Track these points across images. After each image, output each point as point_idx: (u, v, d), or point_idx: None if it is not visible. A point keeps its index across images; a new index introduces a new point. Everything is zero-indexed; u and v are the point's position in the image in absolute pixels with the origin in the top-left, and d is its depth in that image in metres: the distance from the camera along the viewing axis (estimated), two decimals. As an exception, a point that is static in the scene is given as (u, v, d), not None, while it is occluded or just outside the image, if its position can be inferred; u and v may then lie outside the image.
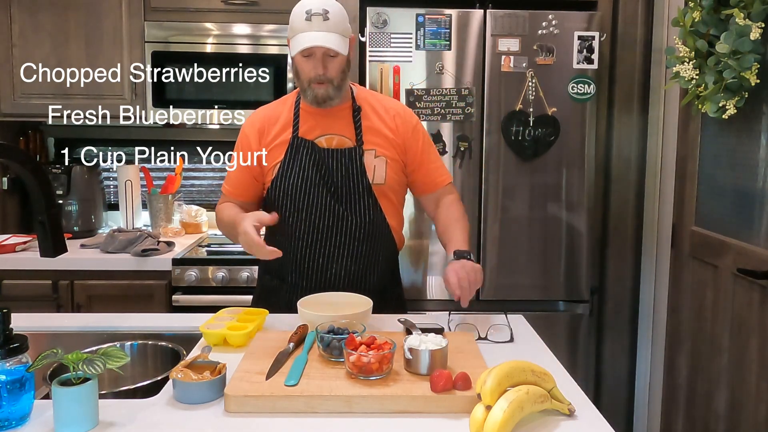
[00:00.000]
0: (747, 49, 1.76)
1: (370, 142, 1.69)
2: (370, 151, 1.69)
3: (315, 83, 1.62)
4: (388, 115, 1.73)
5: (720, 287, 2.06)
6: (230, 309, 1.58)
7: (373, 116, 1.72)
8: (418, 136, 1.75)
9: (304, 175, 1.68)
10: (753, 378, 1.88)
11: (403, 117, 1.75)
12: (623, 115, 2.62)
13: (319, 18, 1.56)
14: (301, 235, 1.69)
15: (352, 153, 1.67)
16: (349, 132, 1.69)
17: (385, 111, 1.74)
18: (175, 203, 2.96)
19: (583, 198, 2.52)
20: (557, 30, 2.43)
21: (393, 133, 1.71)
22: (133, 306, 2.42)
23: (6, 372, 1.04)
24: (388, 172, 1.70)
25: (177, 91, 2.66)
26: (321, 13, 1.57)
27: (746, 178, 1.97)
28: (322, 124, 1.69)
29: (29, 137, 2.98)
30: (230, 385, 1.16)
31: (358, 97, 1.74)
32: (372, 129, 1.71)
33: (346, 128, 1.70)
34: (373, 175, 1.68)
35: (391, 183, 1.71)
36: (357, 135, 1.69)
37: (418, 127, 1.76)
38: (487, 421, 1.03)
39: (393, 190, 1.73)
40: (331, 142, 1.69)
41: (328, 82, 1.62)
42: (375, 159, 1.69)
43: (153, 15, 2.66)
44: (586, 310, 2.58)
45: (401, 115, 1.75)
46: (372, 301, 1.54)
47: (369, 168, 1.68)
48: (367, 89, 1.84)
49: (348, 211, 1.68)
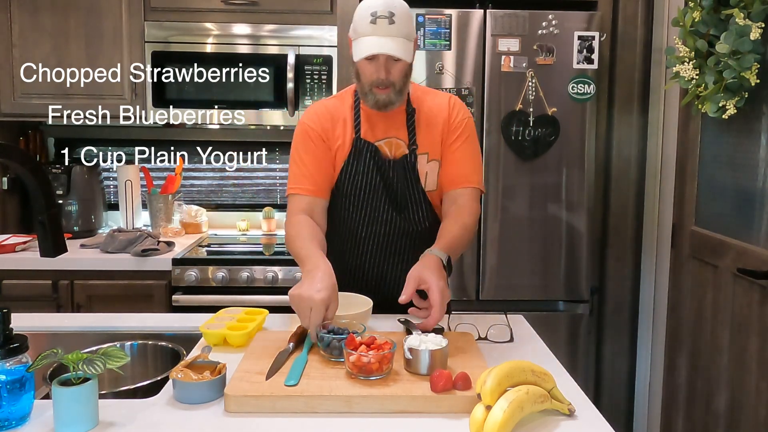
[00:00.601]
0: (747, 49, 1.76)
1: (424, 146, 1.65)
2: (423, 155, 1.64)
3: (377, 87, 1.55)
4: (442, 108, 1.66)
5: (720, 287, 2.06)
6: (230, 309, 1.58)
7: (428, 114, 1.66)
8: (459, 129, 1.65)
9: (366, 179, 1.64)
10: (753, 378, 1.88)
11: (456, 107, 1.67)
12: (623, 115, 2.62)
13: (384, 21, 1.49)
14: (364, 240, 1.68)
15: (405, 160, 1.64)
16: (404, 135, 1.65)
17: (439, 106, 1.67)
18: (175, 203, 2.96)
19: (583, 198, 2.52)
20: (557, 30, 2.43)
21: (445, 124, 1.66)
22: (133, 306, 2.42)
23: (6, 372, 1.04)
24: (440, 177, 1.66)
25: (177, 91, 2.66)
26: (387, 15, 1.49)
27: (746, 178, 1.97)
28: (381, 125, 1.65)
29: (29, 137, 2.98)
30: (230, 385, 1.16)
31: (413, 96, 1.68)
32: (426, 130, 1.65)
33: (401, 131, 1.65)
34: (425, 182, 1.65)
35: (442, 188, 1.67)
36: (410, 139, 1.64)
37: (462, 122, 1.66)
38: (487, 421, 1.03)
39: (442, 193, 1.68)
40: (391, 145, 1.65)
41: (391, 87, 1.55)
42: (427, 164, 1.65)
43: (153, 15, 2.66)
44: (586, 310, 2.58)
45: (457, 105, 1.68)
46: (372, 302, 1.54)
47: (422, 174, 1.64)
48: (420, 86, 1.77)
49: (405, 219, 1.66)
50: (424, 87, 1.78)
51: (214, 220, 3.09)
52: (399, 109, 1.64)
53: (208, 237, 2.90)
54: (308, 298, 1.32)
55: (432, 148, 1.65)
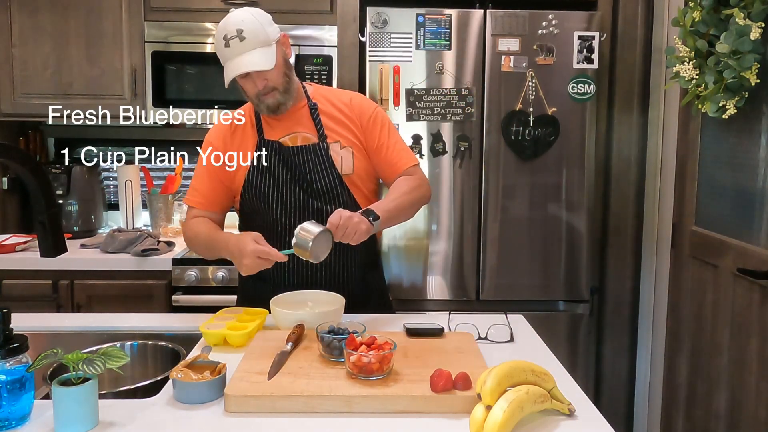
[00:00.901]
0: (747, 49, 1.76)
1: (333, 135, 1.71)
2: (334, 143, 1.70)
3: (262, 95, 1.62)
4: (345, 105, 1.74)
5: (720, 287, 2.06)
6: (230, 309, 1.58)
7: (332, 109, 1.73)
8: (377, 121, 1.74)
9: (275, 175, 1.69)
10: (753, 378, 1.88)
11: (361, 105, 1.75)
12: (623, 115, 2.62)
13: (235, 41, 1.54)
14: (279, 234, 1.70)
15: (317, 148, 1.69)
16: (310, 129, 1.71)
17: (342, 102, 1.74)
18: (175, 203, 2.96)
19: (583, 198, 2.52)
20: (557, 30, 2.43)
21: (352, 122, 1.72)
22: (133, 306, 2.42)
23: (6, 372, 1.04)
24: (355, 162, 1.71)
25: (177, 91, 2.66)
26: (236, 34, 1.54)
27: (746, 178, 1.97)
28: (283, 125, 1.71)
29: (29, 137, 2.98)
30: (230, 385, 1.16)
31: (314, 94, 1.75)
32: (332, 121, 1.72)
33: (307, 125, 1.71)
34: (341, 166, 1.69)
35: (359, 172, 1.72)
36: (318, 130, 1.70)
37: (377, 113, 1.75)
38: (487, 421, 1.03)
39: (361, 179, 1.73)
40: (296, 140, 1.70)
41: (273, 90, 1.62)
42: (341, 150, 1.70)
43: (153, 15, 2.66)
44: (586, 310, 2.58)
45: (359, 104, 1.75)
46: (344, 299, 1.56)
47: (336, 160, 1.69)
48: (323, 86, 1.84)
49: (323, 204, 1.69)
50: (328, 87, 1.85)
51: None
52: (299, 105, 1.71)
53: (208, 237, 2.90)
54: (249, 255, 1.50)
55: (342, 137, 1.71)
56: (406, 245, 2.50)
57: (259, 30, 1.57)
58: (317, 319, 1.46)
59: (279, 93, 1.63)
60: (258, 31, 1.57)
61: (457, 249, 2.50)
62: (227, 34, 1.55)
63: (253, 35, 1.55)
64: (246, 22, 1.56)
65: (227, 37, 1.55)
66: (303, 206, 1.70)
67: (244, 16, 1.58)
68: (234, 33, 1.54)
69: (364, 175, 1.74)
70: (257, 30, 1.57)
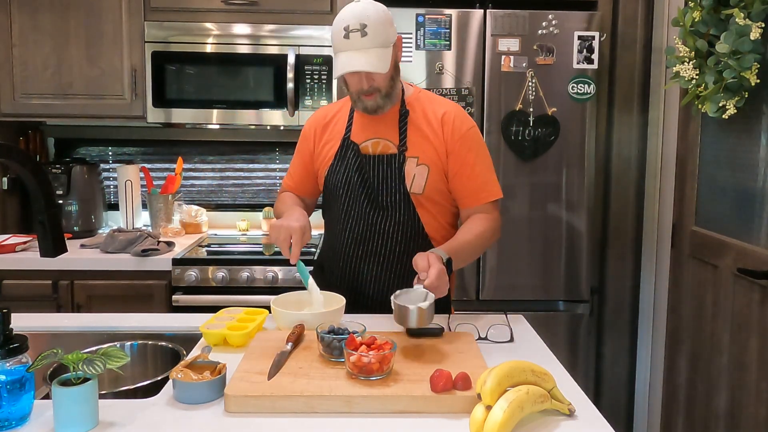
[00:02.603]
0: (747, 49, 1.76)
1: (414, 149, 1.63)
2: (412, 158, 1.63)
3: (363, 95, 1.58)
4: (436, 119, 1.65)
5: (720, 287, 2.06)
6: (230, 309, 1.58)
7: (422, 121, 1.65)
8: (466, 142, 1.64)
9: (346, 177, 1.67)
10: (753, 378, 1.88)
11: (454, 122, 1.64)
12: (623, 115, 2.62)
13: (356, 35, 1.48)
14: (341, 235, 1.71)
15: (392, 160, 1.63)
16: (394, 136, 1.65)
17: (435, 115, 1.65)
18: (175, 203, 2.96)
19: (583, 198, 2.52)
20: (557, 30, 2.43)
21: (438, 138, 1.64)
22: (133, 306, 2.42)
23: (6, 372, 1.04)
24: (429, 182, 1.63)
25: (177, 91, 2.66)
26: (359, 28, 1.48)
27: (746, 178, 1.97)
28: (371, 127, 1.66)
29: (29, 137, 2.99)
30: (230, 385, 1.16)
31: (411, 99, 1.68)
32: (418, 134, 1.64)
33: (392, 132, 1.65)
34: (411, 184, 1.63)
35: (430, 192, 1.64)
36: (401, 140, 1.64)
37: (470, 134, 1.65)
38: (487, 421, 1.03)
39: (432, 200, 1.66)
40: (377, 146, 1.66)
41: (376, 92, 1.57)
42: (417, 167, 1.63)
43: (153, 15, 2.66)
44: (586, 310, 2.58)
45: (450, 120, 1.64)
46: (345, 299, 1.55)
47: (408, 176, 1.63)
48: (426, 91, 1.75)
49: (384, 218, 1.66)
50: (430, 93, 1.75)
51: (214, 220, 3.09)
52: (393, 109, 1.65)
53: (208, 237, 2.90)
54: (287, 226, 1.50)
55: (423, 153, 1.64)
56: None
57: (383, 28, 1.51)
58: (317, 319, 1.47)
59: (380, 96, 1.58)
60: (382, 30, 1.51)
61: (457, 249, 2.50)
62: (349, 24, 1.48)
63: (375, 33, 1.49)
64: (371, 18, 1.49)
65: (348, 28, 1.48)
66: (363, 215, 1.67)
67: (370, 11, 1.51)
68: (357, 26, 1.48)
69: (436, 195, 1.66)
70: (380, 29, 1.50)
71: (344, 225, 1.70)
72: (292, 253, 1.50)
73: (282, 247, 1.51)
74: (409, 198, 1.64)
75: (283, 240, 1.50)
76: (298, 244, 1.50)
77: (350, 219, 1.69)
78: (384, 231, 1.67)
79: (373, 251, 1.68)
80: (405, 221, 1.65)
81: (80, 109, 2.69)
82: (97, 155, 3.14)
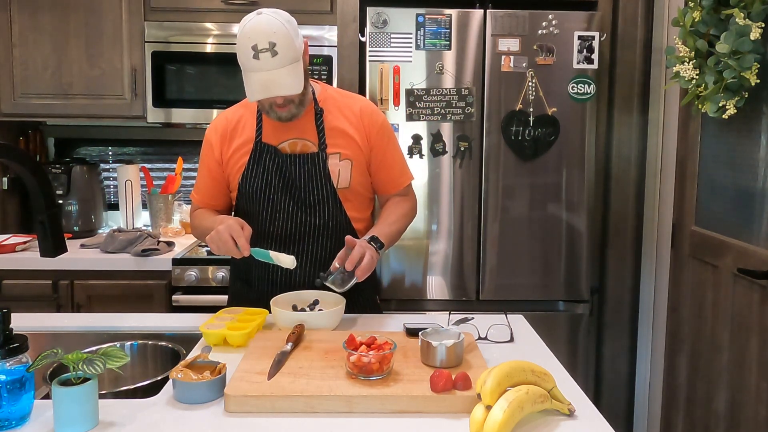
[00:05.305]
0: (747, 49, 1.76)
1: (334, 145, 1.65)
2: (334, 155, 1.65)
3: (276, 107, 1.57)
4: (354, 115, 1.68)
5: (720, 287, 2.06)
6: (230, 309, 1.58)
7: (339, 118, 1.67)
8: (384, 135, 1.71)
9: (266, 181, 1.65)
10: (753, 378, 1.88)
11: (371, 116, 1.69)
12: (623, 115, 2.62)
13: (267, 54, 1.44)
14: (267, 240, 1.68)
15: (315, 158, 1.64)
16: (312, 135, 1.65)
17: (351, 111, 1.68)
18: (175, 203, 2.96)
19: (583, 198, 2.52)
20: (557, 30, 2.43)
21: (358, 132, 1.67)
22: (133, 306, 2.42)
23: (6, 372, 1.04)
24: (353, 175, 1.67)
25: (177, 91, 2.66)
26: (268, 47, 1.44)
27: (746, 178, 1.97)
28: (285, 129, 1.65)
29: (29, 137, 2.99)
30: (230, 385, 1.16)
31: (322, 97, 1.69)
32: (336, 131, 1.66)
33: (309, 131, 1.65)
34: (337, 180, 1.65)
35: (356, 186, 1.68)
36: (320, 138, 1.65)
37: (384, 126, 1.72)
38: (487, 421, 1.03)
39: (357, 192, 1.70)
40: (295, 146, 1.65)
41: (290, 104, 1.57)
42: (340, 163, 1.65)
43: (153, 15, 2.66)
44: (586, 310, 2.58)
45: (367, 114, 1.69)
46: (345, 299, 1.55)
47: (333, 172, 1.64)
48: (332, 87, 1.77)
49: (311, 216, 1.66)
50: (336, 88, 1.78)
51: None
52: (306, 109, 1.64)
53: (208, 237, 2.90)
54: (225, 227, 1.49)
55: (344, 149, 1.66)
56: (405, 245, 2.50)
57: (290, 44, 1.47)
58: (317, 319, 1.47)
59: (294, 106, 1.58)
60: (290, 45, 1.47)
61: (457, 249, 2.50)
62: (257, 44, 1.44)
63: (286, 50, 1.46)
64: (279, 34, 1.45)
65: (257, 48, 1.44)
66: (290, 216, 1.66)
67: (276, 26, 1.46)
68: (266, 45, 1.44)
69: (360, 188, 1.70)
70: (289, 44, 1.47)
71: (269, 229, 1.68)
72: (242, 247, 1.48)
73: (230, 248, 1.49)
74: (336, 194, 1.66)
75: (226, 240, 1.48)
76: (241, 236, 1.48)
77: (275, 221, 1.67)
78: (313, 229, 1.67)
79: (304, 250, 1.68)
80: (333, 217, 1.67)
81: (80, 109, 2.69)
82: (97, 155, 3.14)
